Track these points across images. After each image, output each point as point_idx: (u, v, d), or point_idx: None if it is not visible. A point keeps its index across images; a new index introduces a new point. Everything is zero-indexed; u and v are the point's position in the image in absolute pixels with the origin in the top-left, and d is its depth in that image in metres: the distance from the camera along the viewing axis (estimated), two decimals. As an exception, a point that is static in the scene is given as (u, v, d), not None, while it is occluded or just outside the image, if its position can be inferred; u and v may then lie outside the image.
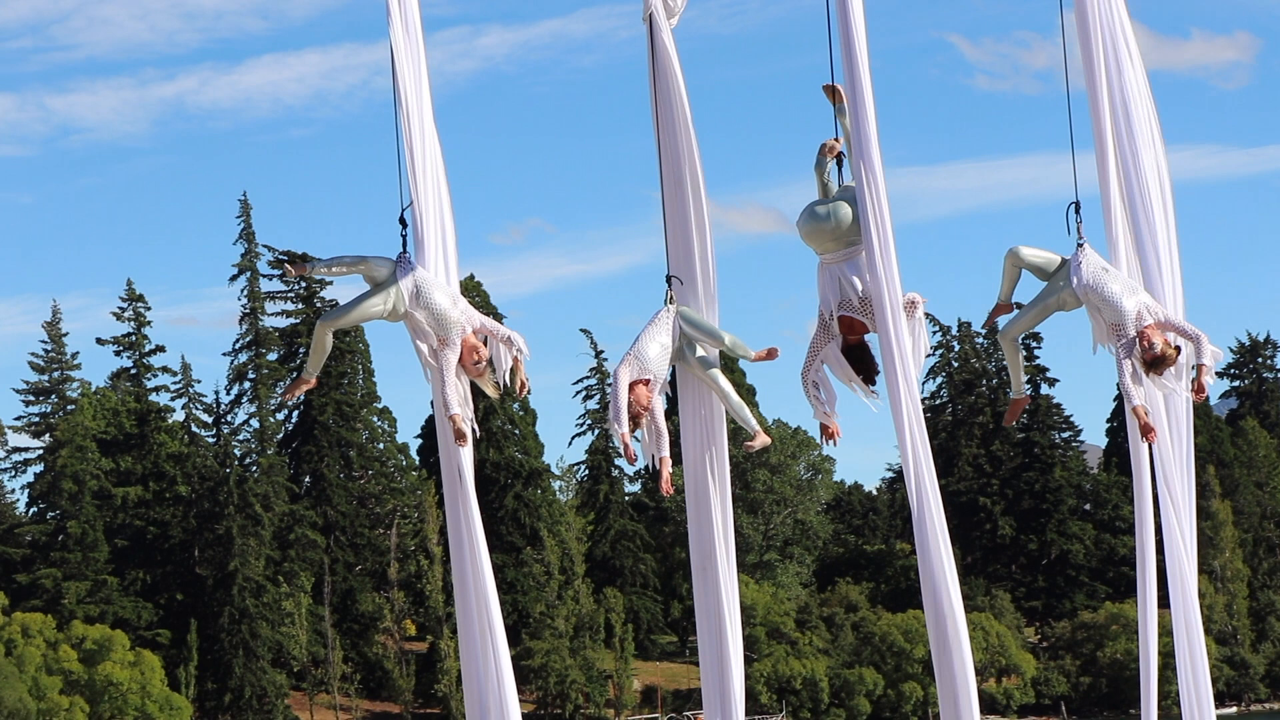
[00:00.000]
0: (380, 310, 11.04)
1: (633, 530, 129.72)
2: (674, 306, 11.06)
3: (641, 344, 10.90)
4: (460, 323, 10.82)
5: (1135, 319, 10.93)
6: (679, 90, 11.51)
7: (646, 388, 10.83)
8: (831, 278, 10.96)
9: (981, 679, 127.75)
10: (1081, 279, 11.09)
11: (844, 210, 10.94)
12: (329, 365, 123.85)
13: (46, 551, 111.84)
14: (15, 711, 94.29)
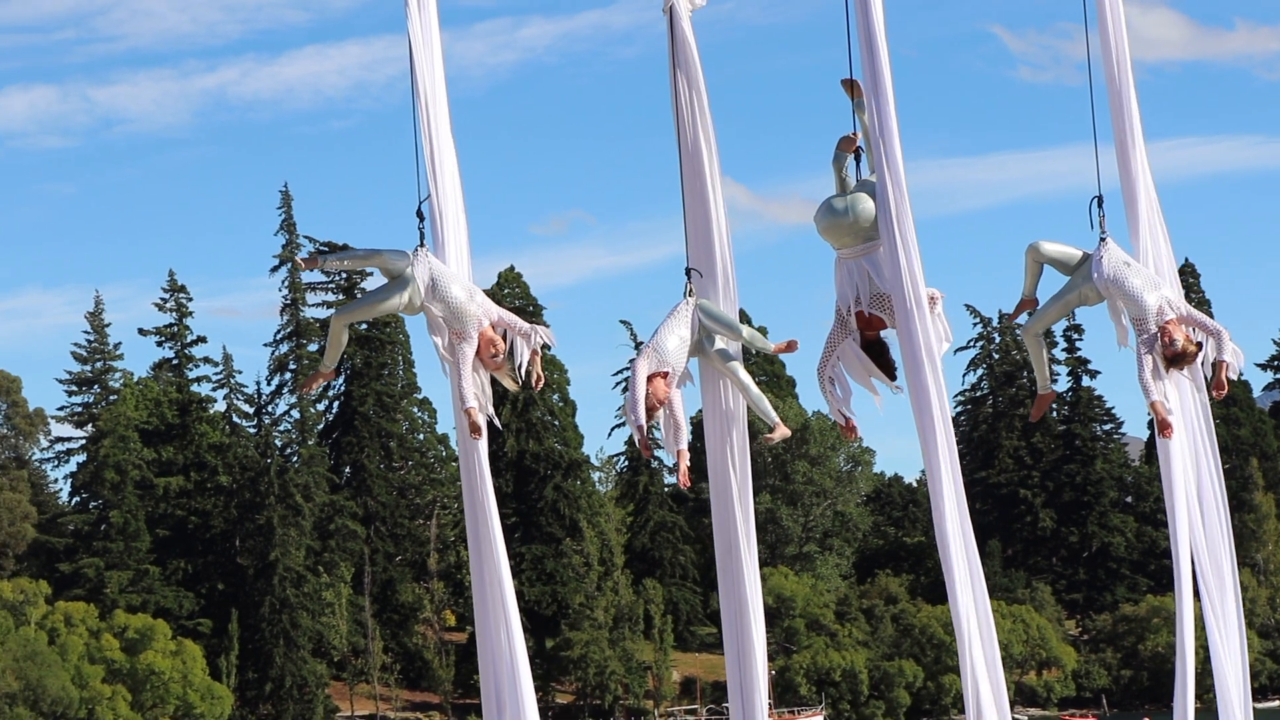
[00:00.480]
0: (396, 303, 11.01)
1: (672, 521, 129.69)
2: (693, 299, 11.01)
3: (660, 337, 10.86)
4: (477, 316, 10.77)
5: (1156, 314, 10.84)
6: (698, 82, 11.51)
7: (664, 381, 10.78)
8: (849, 273, 10.87)
9: (1022, 671, 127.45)
10: (1103, 273, 11.01)
11: (863, 205, 10.84)
12: (370, 356, 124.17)
13: (89, 541, 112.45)
14: (58, 700, 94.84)
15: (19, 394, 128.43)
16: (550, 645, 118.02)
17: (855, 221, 10.83)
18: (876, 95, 10.95)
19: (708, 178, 11.73)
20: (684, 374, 11.03)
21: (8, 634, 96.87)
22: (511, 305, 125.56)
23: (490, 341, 10.77)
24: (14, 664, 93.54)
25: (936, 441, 10.65)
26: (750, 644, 11.42)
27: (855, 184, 11.17)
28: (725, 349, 11.03)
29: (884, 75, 10.95)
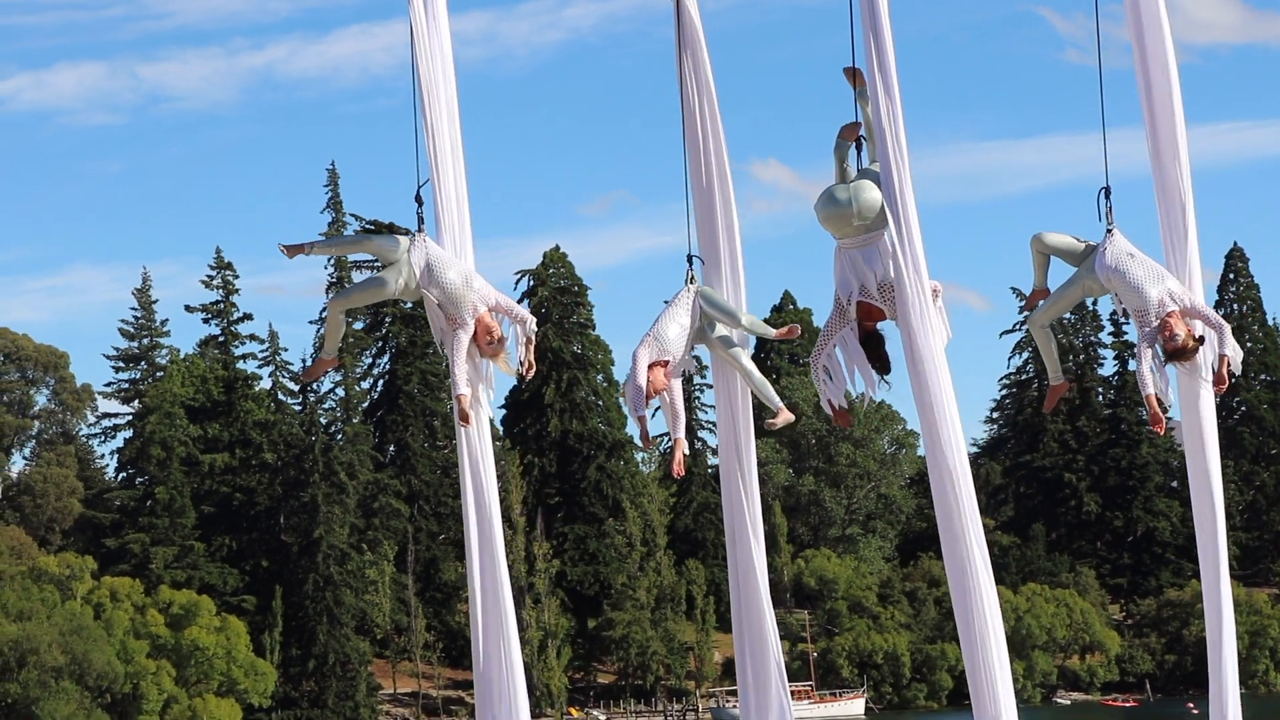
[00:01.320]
0: (392, 289, 10.87)
1: (715, 502, 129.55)
2: (694, 286, 10.92)
3: (661, 325, 10.78)
4: (472, 302, 10.60)
5: (1158, 305, 10.69)
6: (705, 67, 11.43)
7: (665, 369, 10.70)
8: (852, 263, 10.73)
9: (1065, 656, 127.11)
10: (1105, 264, 10.88)
11: (867, 194, 10.69)
12: (414, 335, 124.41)
13: (135, 516, 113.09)
14: (103, 674, 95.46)
15: (66, 370, 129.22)
16: (592, 625, 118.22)
17: (859, 211, 10.69)
18: (883, 83, 10.77)
19: (714, 164, 11.63)
20: (684, 362, 10.93)
21: (54, 608, 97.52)
22: (556, 285, 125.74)
23: (487, 328, 10.61)
24: (60, 638, 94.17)
25: (940, 436, 10.47)
26: (764, 626, 11.29)
27: (856, 173, 11.03)
28: (728, 335, 10.91)
29: (889, 62, 10.76)
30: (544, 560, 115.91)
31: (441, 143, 11.18)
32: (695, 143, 11.63)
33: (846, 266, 10.76)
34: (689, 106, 11.56)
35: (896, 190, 10.65)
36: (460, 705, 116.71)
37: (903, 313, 10.53)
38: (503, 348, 10.68)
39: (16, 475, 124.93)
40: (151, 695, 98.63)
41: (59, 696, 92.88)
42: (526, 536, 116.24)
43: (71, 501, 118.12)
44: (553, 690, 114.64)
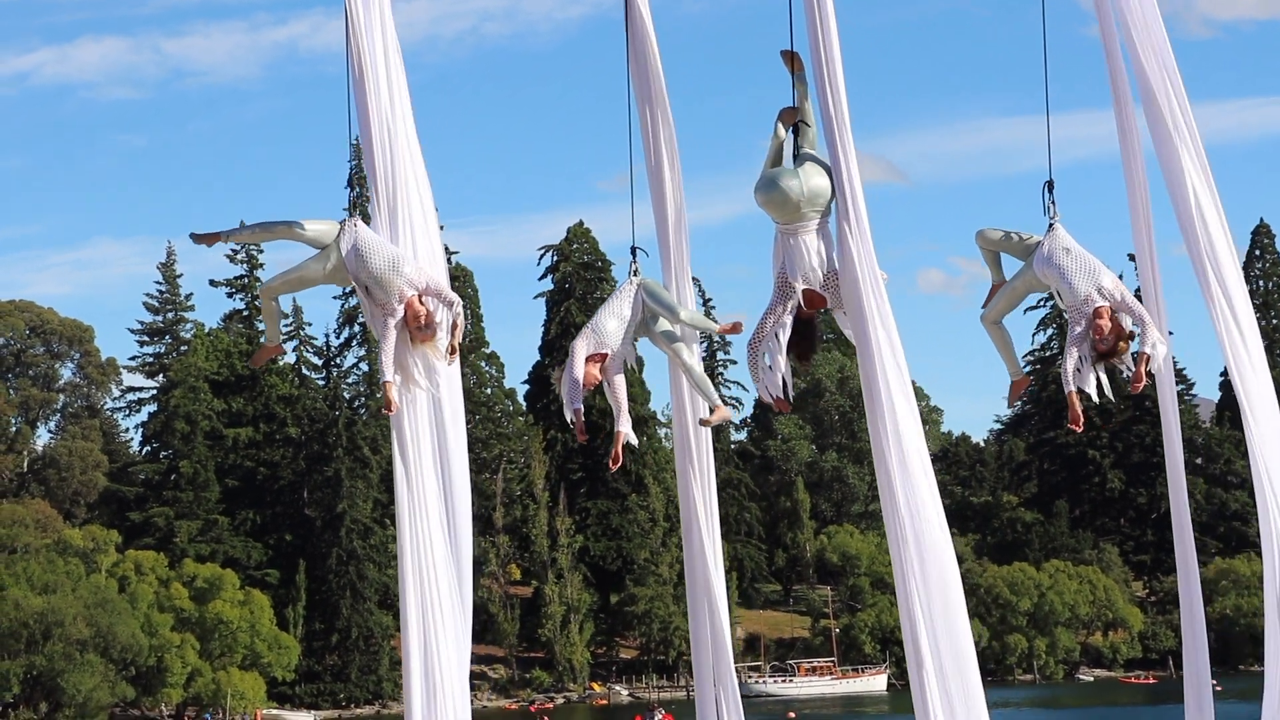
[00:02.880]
0: (319, 275, 10.59)
1: (737, 479, 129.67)
2: (637, 279, 10.74)
3: (600, 317, 10.59)
4: (399, 286, 10.26)
5: (1084, 301, 10.53)
6: (654, 61, 11.22)
7: (602, 362, 10.50)
8: (801, 248, 10.45)
9: (1088, 632, 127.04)
10: (1041, 259, 10.71)
11: (816, 180, 10.45)
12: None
13: (159, 490, 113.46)
14: (128, 647, 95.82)
15: (91, 343, 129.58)
16: (615, 600, 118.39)
17: (809, 197, 10.47)
18: (827, 66, 10.46)
19: (665, 157, 11.38)
20: (624, 354, 10.68)
21: (79, 581, 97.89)
22: (579, 260, 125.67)
23: (415, 313, 10.30)
24: (85, 611, 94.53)
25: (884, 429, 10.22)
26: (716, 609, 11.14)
27: (795, 158, 10.76)
28: (671, 329, 10.70)
29: (834, 45, 10.43)
30: (566, 536, 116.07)
31: (379, 124, 10.77)
32: (648, 136, 11.37)
33: (798, 251, 10.46)
34: (642, 98, 11.34)
35: (845, 177, 10.38)
36: (482, 679, 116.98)
37: (855, 302, 10.22)
38: (432, 333, 10.28)
39: (42, 449, 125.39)
40: (176, 668, 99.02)
41: (84, 669, 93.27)
42: (549, 512, 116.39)
43: (96, 475, 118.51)
44: (575, 665, 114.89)
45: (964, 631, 9.98)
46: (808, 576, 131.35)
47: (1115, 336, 10.40)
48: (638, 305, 10.65)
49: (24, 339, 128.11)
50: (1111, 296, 10.44)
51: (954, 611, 9.97)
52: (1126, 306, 10.46)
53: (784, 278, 10.42)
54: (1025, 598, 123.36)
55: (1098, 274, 10.47)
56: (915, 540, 10.04)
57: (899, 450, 10.11)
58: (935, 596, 10.00)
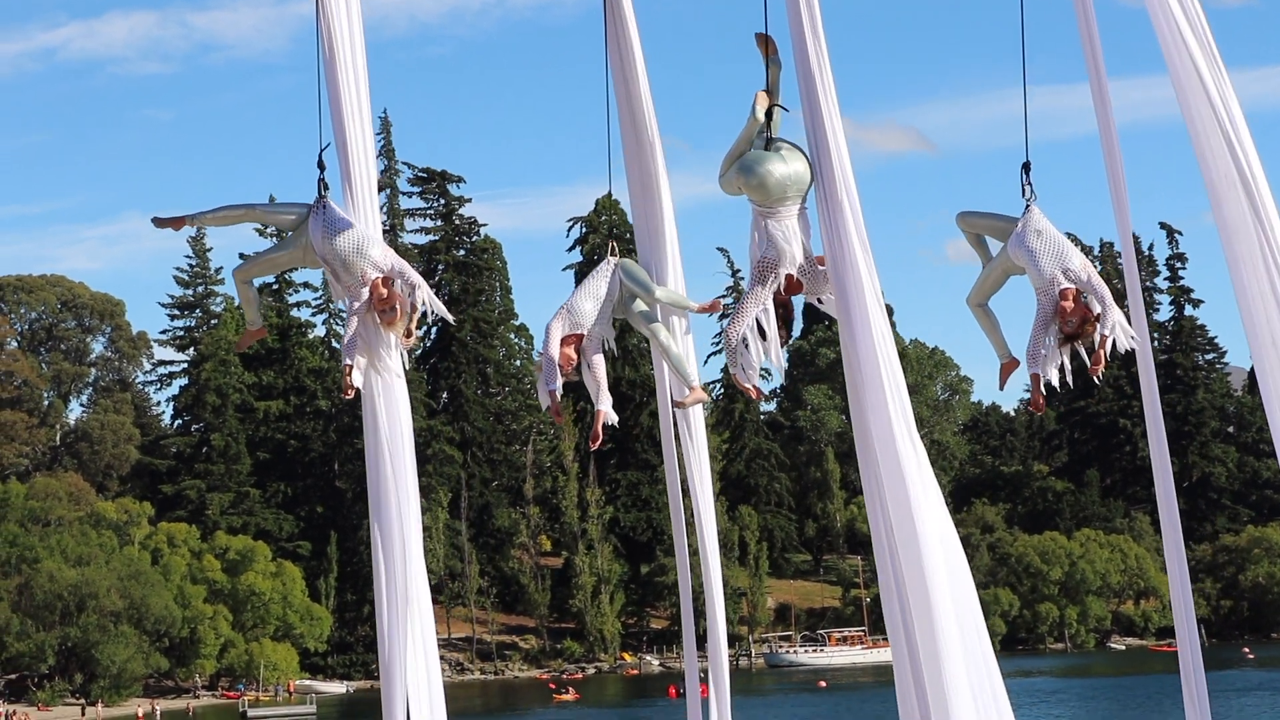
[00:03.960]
0: (288, 259, 10.52)
1: (768, 449, 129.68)
2: (614, 259, 10.67)
3: (576, 297, 10.52)
4: (362, 268, 10.14)
5: (1049, 284, 10.45)
6: (631, 35, 11.04)
7: (577, 343, 10.44)
8: (778, 231, 10.32)
9: (1120, 601, 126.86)
10: (1013, 241, 10.64)
11: (800, 165, 10.36)
12: (467, 283, 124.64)
13: (191, 463, 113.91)
14: (161, 618, 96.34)
15: (122, 317, 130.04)
16: (645, 571, 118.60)
17: (796, 183, 10.38)
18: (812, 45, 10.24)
19: (647, 136, 11.18)
20: (602, 334, 10.58)
21: (112, 553, 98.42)
22: (606, 232, 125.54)
23: (380, 296, 10.14)
24: (118, 583, 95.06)
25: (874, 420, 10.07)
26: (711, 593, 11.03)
27: (772, 142, 10.61)
28: (648, 310, 10.62)
29: (818, 23, 10.19)
30: (597, 506, 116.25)
31: (351, 102, 10.60)
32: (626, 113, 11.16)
33: (775, 235, 10.35)
34: (619, 75, 11.11)
35: (835, 161, 10.22)
36: (514, 650, 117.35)
37: (844, 291, 10.06)
38: (397, 316, 10.20)
39: (74, 422, 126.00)
40: (209, 639, 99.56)
41: (118, 640, 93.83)
42: (579, 483, 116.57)
43: (128, 448, 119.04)
44: (606, 636, 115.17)
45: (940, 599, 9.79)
46: (838, 546, 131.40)
47: (1080, 319, 10.32)
48: (614, 285, 10.55)
49: (56, 313, 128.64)
50: (1078, 278, 10.35)
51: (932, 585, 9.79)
52: (1091, 287, 10.36)
53: (766, 261, 10.29)
54: (1056, 567, 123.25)
55: (1065, 256, 10.39)
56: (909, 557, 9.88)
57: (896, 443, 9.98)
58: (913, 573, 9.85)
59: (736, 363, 10.27)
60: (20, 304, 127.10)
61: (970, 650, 9.67)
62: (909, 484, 9.94)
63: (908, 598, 9.89)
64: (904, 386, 10.12)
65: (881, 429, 9.95)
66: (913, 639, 9.75)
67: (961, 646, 9.62)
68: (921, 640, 9.71)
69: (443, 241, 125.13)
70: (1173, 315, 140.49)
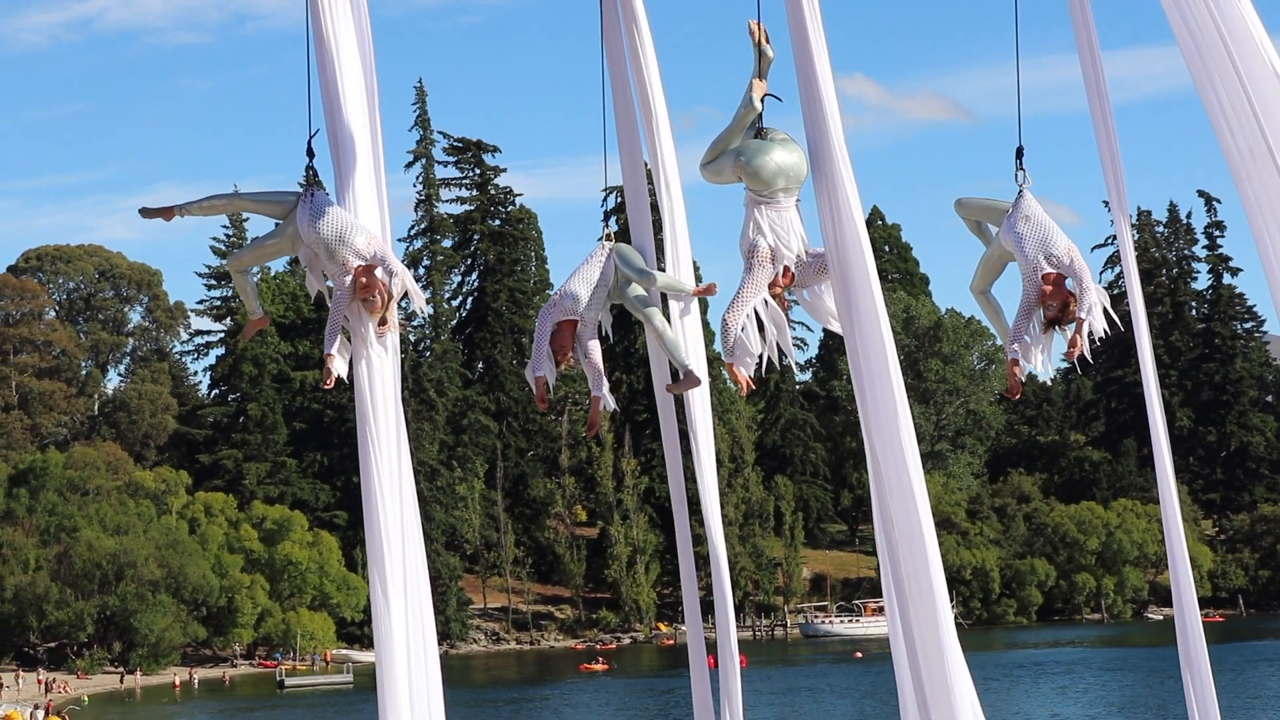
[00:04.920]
0: (276, 248, 10.35)
1: (803, 419, 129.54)
2: (609, 244, 10.51)
3: (570, 283, 10.41)
4: (344, 256, 9.98)
5: (1034, 269, 10.38)
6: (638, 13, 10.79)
7: (571, 329, 10.33)
8: (779, 220, 10.18)
9: (1157, 571, 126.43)
10: (1004, 226, 10.58)
11: (798, 156, 10.23)
12: (503, 253, 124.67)
13: (228, 433, 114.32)
14: (199, 588, 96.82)
15: (160, 288, 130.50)
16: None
17: (796, 175, 10.28)
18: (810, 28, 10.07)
19: (656, 113, 10.90)
20: (597, 319, 10.44)
21: (150, 523, 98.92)
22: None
23: (362, 284, 9.95)
24: (156, 552, 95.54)
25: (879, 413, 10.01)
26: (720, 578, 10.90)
27: (763, 131, 10.44)
28: (643, 295, 10.47)
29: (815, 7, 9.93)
30: (632, 477, 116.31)
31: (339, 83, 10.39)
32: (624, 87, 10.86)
33: (776, 224, 10.23)
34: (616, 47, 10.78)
35: (836, 152, 10.07)
36: (549, 620, 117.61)
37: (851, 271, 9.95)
38: (380, 304, 9.97)
39: (112, 392, 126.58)
40: (246, 609, 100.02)
41: (156, 609, 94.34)
42: (615, 453, 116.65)
43: (166, 418, 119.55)
44: (641, 606, 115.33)
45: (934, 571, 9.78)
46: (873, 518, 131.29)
47: (1061, 303, 10.25)
48: (609, 270, 10.42)
49: (94, 283, 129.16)
50: (1059, 262, 10.28)
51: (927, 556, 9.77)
52: (1072, 271, 10.28)
53: (762, 249, 10.17)
54: (1093, 537, 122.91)
55: (1049, 241, 10.31)
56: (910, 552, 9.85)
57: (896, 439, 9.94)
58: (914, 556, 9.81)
59: (732, 351, 10.18)
60: (58, 274, 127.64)
61: None
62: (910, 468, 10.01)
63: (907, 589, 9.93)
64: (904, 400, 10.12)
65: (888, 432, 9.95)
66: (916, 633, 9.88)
67: None
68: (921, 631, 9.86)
69: (478, 211, 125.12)
70: (1211, 284, 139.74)
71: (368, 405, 10.33)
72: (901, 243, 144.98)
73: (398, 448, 10.30)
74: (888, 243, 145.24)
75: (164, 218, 10.54)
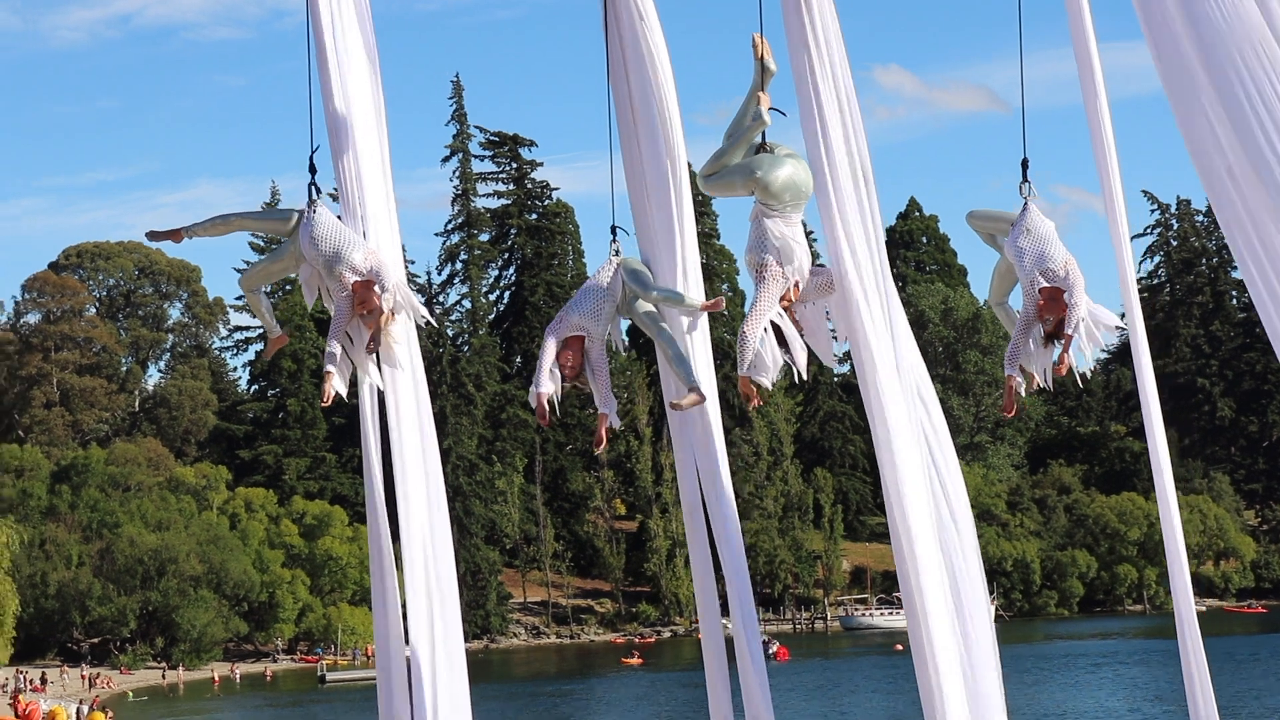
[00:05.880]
0: (282, 266, 10.23)
1: (842, 411, 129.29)
2: (617, 259, 10.38)
3: (576, 298, 10.33)
4: (340, 272, 9.89)
5: (1032, 283, 10.29)
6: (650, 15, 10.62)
7: (578, 346, 10.21)
8: (790, 235, 10.07)
9: (1199, 562, 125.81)
10: (1008, 241, 10.51)
11: (807, 173, 10.14)
12: (540, 247, 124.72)
13: (268, 428, 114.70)
14: (240, 583, 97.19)
15: (199, 283, 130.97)
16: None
17: (805, 191, 10.18)
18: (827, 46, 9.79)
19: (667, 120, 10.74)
20: (603, 335, 10.32)
21: (191, 518, 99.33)
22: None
23: (360, 300, 9.90)
24: (197, 547, 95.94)
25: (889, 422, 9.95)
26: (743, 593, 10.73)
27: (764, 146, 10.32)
28: (652, 310, 10.34)
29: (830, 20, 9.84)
30: (671, 470, 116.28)
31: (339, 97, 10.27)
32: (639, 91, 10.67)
33: (786, 239, 10.12)
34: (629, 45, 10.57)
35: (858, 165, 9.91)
36: (589, 614, 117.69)
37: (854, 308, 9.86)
38: (377, 321, 9.83)
39: (153, 388, 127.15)
40: (287, 604, 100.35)
41: (198, 604, 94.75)
42: (653, 447, 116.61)
43: (206, 414, 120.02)
44: (681, 599, 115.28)
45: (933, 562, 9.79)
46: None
47: (1057, 319, 10.19)
48: (616, 284, 10.30)
49: (133, 279, 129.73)
50: (1055, 276, 10.20)
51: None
52: (1067, 284, 10.20)
53: (772, 263, 10.06)
54: (1134, 527, 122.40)
55: (1046, 255, 10.24)
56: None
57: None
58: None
59: (748, 362, 10.08)
60: (98, 270, 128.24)
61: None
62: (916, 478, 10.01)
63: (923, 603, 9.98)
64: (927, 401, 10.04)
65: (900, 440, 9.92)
66: None
67: None
68: None
69: (515, 205, 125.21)
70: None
71: (368, 422, 10.30)
72: (939, 234, 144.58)
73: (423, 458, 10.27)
74: (925, 234, 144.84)
75: (172, 240, 10.52)
